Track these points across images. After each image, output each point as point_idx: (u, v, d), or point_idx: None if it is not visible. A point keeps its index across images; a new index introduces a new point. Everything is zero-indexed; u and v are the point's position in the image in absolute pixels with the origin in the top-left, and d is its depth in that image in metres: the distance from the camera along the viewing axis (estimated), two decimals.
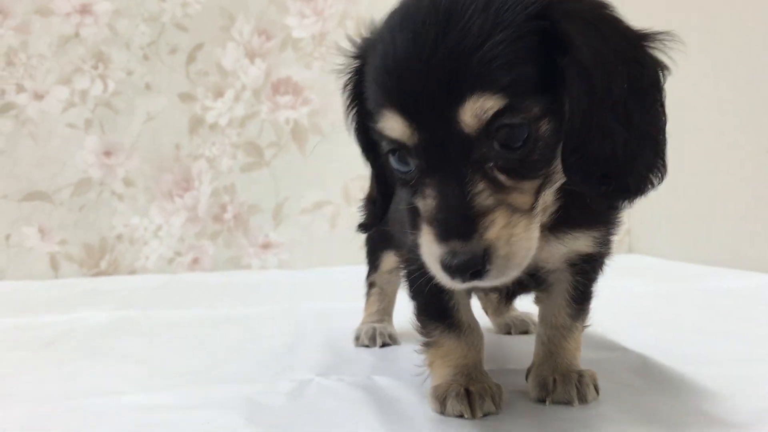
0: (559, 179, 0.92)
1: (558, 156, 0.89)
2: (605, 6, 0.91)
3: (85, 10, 3.17)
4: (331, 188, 3.30)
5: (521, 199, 0.86)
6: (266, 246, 3.28)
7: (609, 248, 1.11)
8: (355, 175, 3.18)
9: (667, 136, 0.96)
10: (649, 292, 2.19)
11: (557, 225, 1.00)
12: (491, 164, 0.84)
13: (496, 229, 0.82)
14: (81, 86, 3.17)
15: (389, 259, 1.51)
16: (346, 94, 1.04)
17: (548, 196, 0.93)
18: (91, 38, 3.17)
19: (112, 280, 3.03)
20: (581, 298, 1.12)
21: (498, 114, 0.81)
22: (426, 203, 0.87)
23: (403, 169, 0.92)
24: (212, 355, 1.51)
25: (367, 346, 1.52)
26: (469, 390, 1.01)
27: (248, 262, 3.27)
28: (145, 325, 1.92)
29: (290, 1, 3.27)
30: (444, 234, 0.83)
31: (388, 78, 0.87)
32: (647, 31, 0.92)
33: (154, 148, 3.22)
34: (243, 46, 3.26)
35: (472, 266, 0.82)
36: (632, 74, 0.87)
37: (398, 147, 0.90)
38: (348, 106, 1.05)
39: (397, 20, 0.90)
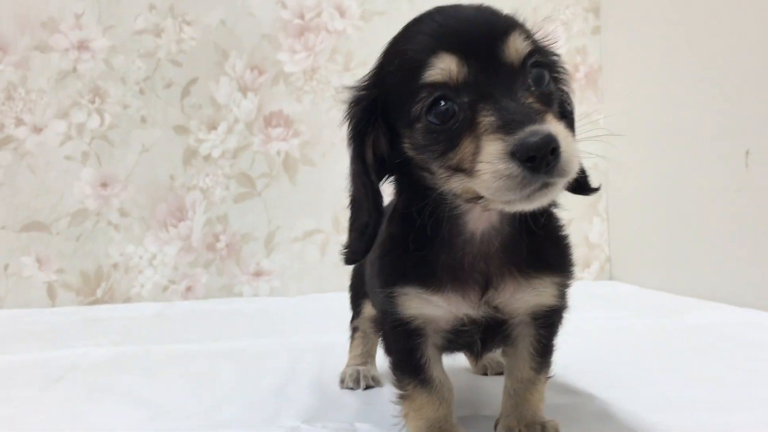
0: None
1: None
2: None
3: (82, 47, 3.27)
4: (321, 217, 3.40)
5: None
6: (258, 274, 3.38)
7: (566, 302, 1.23)
8: (345, 204, 3.26)
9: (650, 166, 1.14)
10: (623, 326, 2.28)
11: (525, 266, 1.12)
12: (533, 89, 1.00)
13: (559, 127, 0.93)
14: (78, 120, 3.27)
15: (370, 307, 1.60)
16: (353, 122, 1.11)
17: None
18: (89, 73, 3.28)
19: (109, 309, 3.12)
20: (544, 352, 1.22)
21: (530, 53, 1.00)
22: (484, 123, 0.94)
23: (440, 120, 0.99)
24: (209, 397, 1.59)
25: (351, 389, 1.62)
26: None
27: (240, 290, 3.37)
28: (144, 361, 2.01)
29: (282, 37, 3.39)
30: (515, 126, 0.91)
31: (434, 36, 1.01)
32: None
33: (149, 179, 3.32)
34: (236, 81, 3.37)
35: (552, 142, 0.89)
36: None
37: (442, 93, 0.98)
38: (353, 134, 1.11)
39: (417, 21, 1.08)
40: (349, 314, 1.76)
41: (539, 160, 0.89)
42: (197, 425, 1.38)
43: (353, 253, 1.15)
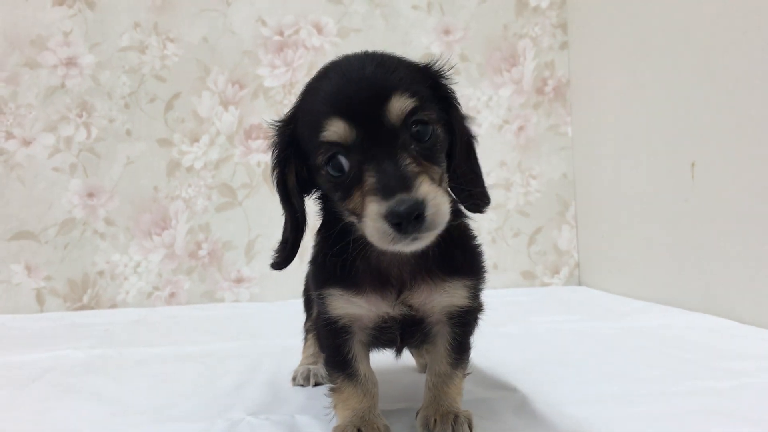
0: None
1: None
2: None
3: (70, 63, 3.42)
4: None
5: (433, 176, 1.14)
6: (239, 280, 3.52)
7: (479, 304, 1.37)
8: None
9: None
10: (576, 329, 2.41)
11: (437, 271, 1.26)
12: (412, 147, 1.13)
13: (426, 186, 1.07)
14: (66, 133, 3.42)
15: None
16: (276, 152, 1.27)
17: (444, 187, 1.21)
18: (76, 89, 3.42)
19: (94, 314, 3.26)
20: (460, 349, 1.36)
21: (412, 111, 1.13)
22: (367, 183, 1.10)
23: (337, 173, 1.15)
24: (169, 394, 1.73)
25: (302, 386, 1.76)
26: (360, 430, 1.24)
27: (222, 296, 3.50)
28: (117, 363, 2.14)
29: (262, 53, 3.53)
30: (388, 192, 1.06)
31: (329, 99, 1.15)
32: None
33: (134, 190, 3.46)
34: (218, 95, 3.51)
35: (417, 209, 1.04)
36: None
37: (337, 150, 1.14)
38: (276, 163, 1.27)
39: (322, 76, 1.22)
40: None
41: (405, 224, 1.04)
42: (152, 419, 1.51)
43: (276, 263, 1.35)
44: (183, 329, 2.80)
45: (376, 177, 1.09)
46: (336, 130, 1.12)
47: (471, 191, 1.26)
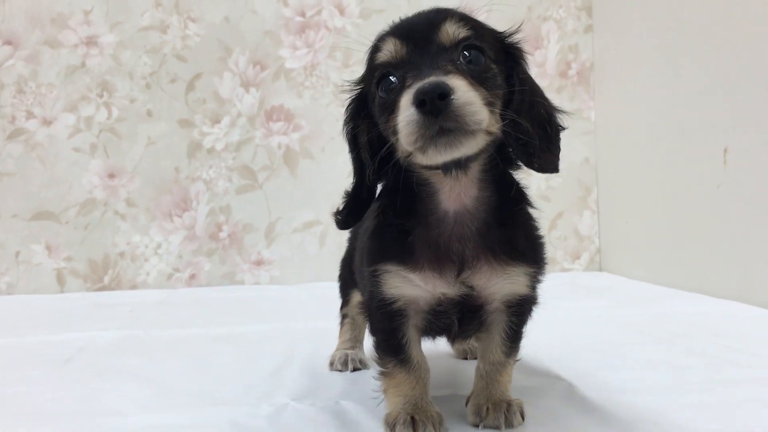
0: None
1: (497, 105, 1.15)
2: None
3: (91, 42, 3.39)
4: (320, 208, 3.52)
5: (480, 94, 1.08)
6: (259, 263, 3.51)
7: (536, 295, 1.34)
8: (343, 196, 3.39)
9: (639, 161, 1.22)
10: (604, 315, 2.40)
11: (500, 253, 1.22)
12: (460, 62, 1.11)
13: (460, 81, 1.05)
14: (87, 113, 3.39)
15: (358, 295, 1.73)
16: (348, 108, 1.29)
17: (494, 120, 1.14)
18: (97, 68, 3.40)
19: (116, 295, 3.26)
20: (514, 337, 1.34)
21: (466, 38, 1.12)
22: (408, 84, 1.08)
23: (385, 95, 1.15)
24: (208, 377, 1.72)
25: (340, 371, 1.74)
26: (414, 418, 1.22)
27: (242, 278, 3.50)
28: (148, 344, 2.14)
29: (283, 34, 3.50)
30: (420, 80, 1.05)
31: (392, 27, 1.19)
32: None
33: (155, 171, 3.45)
34: (239, 76, 3.48)
35: (442, 88, 1.01)
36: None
37: (387, 71, 1.15)
38: (347, 119, 1.29)
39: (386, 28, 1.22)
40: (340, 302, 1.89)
41: (429, 104, 1.01)
42: (196, 402, 1.50)
43: (338, 220, 1.32)
44: (207, 311, 2.80)
45: (416, 79, 1.08)
46: (388, 49, 1.14)
47: (532, 149, 1.18)
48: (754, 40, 2.38)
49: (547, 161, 1.21)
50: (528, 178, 1.31)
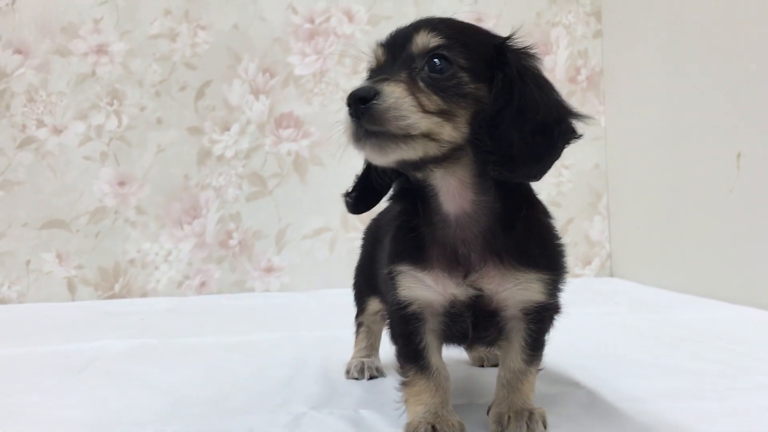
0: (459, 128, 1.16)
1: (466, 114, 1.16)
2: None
3: (101, 51, 3.40)
4: (330, 215, 3.51)
5: (426, 101, 1.13)
6: (269, 270, 3.50)
7: (557, 302, 1.33)
8: None
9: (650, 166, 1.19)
10: (617, 321, 2.39)
11: (508, 258, 1.21)
12: (418, 70, 1.15)
13: (392, 87, 1.11)
14: (97, 121, 3.40)
15: (374, 303, 1.74)
16: None
17: (448, 128, 1.15)
18: (107, 77, 3.41)
19: (126, 303, 3.26)
20: (535, 346, 1.32)
21: (435, 47, 1.16)
22: None
23: None
24: (222, 385, 1.71)
25: (356, 379, 1.73)
26: (435, 427, 1.21)
27: (252, 285, 3.49)
28: (161, 353, 2.12)
29: (293, 41, 3.50)
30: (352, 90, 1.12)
31: (386, 37, 1.25)
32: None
33: (165, 178, 3.45)
34: (248, 83, 3.48)
35: (365, 93, 1.09)
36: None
37: (371, 74, 1.23)
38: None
39: None
40: (355, 310, 1.87)
41: (353, 107, 1.10)
42: (213, 411, 1.50)
43: (348, 203, 1.37)
44: (218, 319, 2.80)
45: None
46: (375, 55, 1.24)
47: (508, 158, 1.14)
48: (765, 43, 2.37)
49: (528, 170, 1.18)
50: (538, 183, 1.29)
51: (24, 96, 3.35)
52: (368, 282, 1.70)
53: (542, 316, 1.30)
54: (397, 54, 1.19)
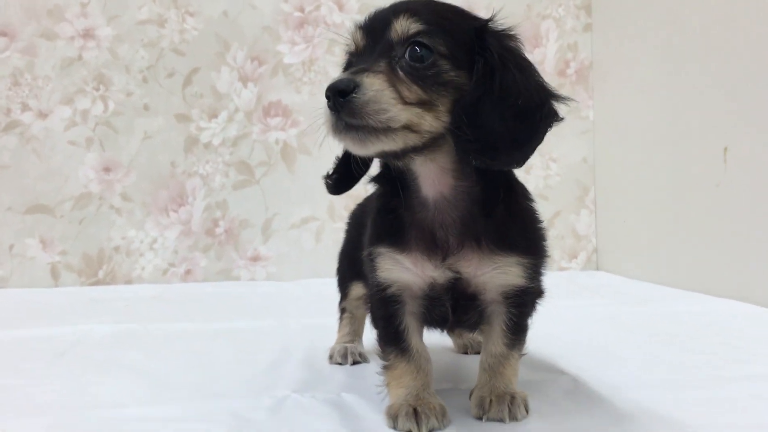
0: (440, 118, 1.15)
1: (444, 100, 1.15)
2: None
3: (87, 35, 3.37)
4: (317, 205, 3.50)
5: (406, 92, 1.11)
6: (255, 259, 3.49)
7: (539, 285, 1.33)
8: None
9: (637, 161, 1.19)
10: (603, 313, 2.40)
11: (487, 242, 1.22)
12: (397, 59, 1.13)
13: (372, 79, 1.09)
14: (83, 106, 3.37)
15: (357, 289, 1.74)
16: None
17: (429, 118, 1.14)
18: (93, 61, 3.37)
19: (110, 290, 3.23)
20: (516, 330, 1.32)
21: (415, 34, 1.14)
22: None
23: None
24: (206, 370, 1.70)
25: (340, 364, 1.73)
26: (416, 409, 1.21)
27: (238, 274, 3.47)
28: (144, 338, 2.11)
29: (282, 29, 3.48)
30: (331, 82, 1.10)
31: (364, 19, 1.23)
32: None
33: (151, 165, 3.42)
34: (237, 71, 3.46)
35: (345, 85, 1.07)
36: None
37: (349, 59, 1.24)
38: None
39: None
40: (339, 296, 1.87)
41: (332, 100, 1.08)
42: (196, 395, 1.49)
43: (327, 184, 1.38)
44: (203, 306, 2.78)
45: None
46: (353, 39, 1.21)
47: (490, 146, 1.13)
48: (754, 39, 2.38)
49: (509, 158, 1.17)
50: (525, 176, 1.29)
51: (9, 79, 3.31)
52: (351, 267, 1.70)
53: (523, 300, 1.30)
54: (376, 39, 1.17)
